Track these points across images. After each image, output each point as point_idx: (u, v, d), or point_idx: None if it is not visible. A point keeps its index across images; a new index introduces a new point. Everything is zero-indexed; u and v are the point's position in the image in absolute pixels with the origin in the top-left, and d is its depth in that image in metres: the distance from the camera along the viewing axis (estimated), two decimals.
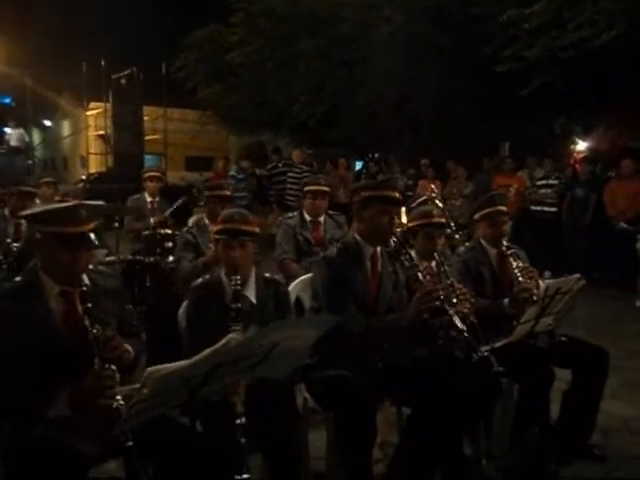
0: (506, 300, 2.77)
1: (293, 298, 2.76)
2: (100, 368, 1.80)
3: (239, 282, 2.19)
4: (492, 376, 2.26)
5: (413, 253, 2.74)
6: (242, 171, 8.78)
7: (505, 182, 8.03)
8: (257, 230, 2.34)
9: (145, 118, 13.94)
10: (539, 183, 8.05)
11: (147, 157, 15.37)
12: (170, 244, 4.73)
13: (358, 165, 14.60)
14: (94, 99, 15.45)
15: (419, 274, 2.49)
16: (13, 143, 14.00)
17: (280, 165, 9.45)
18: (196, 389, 1.48)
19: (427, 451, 2.27)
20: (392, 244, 2.74)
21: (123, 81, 13.05)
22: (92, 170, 16.99)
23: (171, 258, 4.58)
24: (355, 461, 2.27)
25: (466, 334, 2.24)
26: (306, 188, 4.32)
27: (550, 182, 7.93)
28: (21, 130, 14.40)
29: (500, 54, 7.56)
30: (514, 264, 2.82)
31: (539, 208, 7.91)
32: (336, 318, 1.71)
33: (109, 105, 13.27)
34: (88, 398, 1.77)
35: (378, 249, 2.67)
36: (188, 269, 3.68)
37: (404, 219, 3.39)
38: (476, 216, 3.05)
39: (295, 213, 4.38)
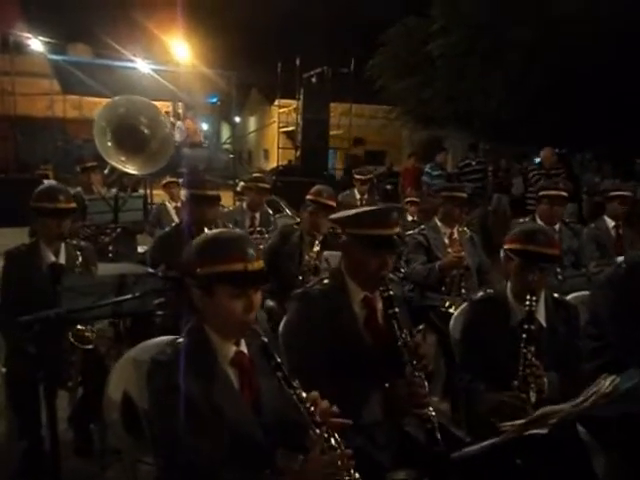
0: None
1: None
2: (411, 375, 1.81)
3: (535, 302, 2.06)
4: None
5: None
6: (438, 167, 8.61)
7: None
8: (558, 253, 2.19)
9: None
10: None
11: None
12: None
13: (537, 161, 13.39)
14: (283, 96, 16.44)
15: None
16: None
17: (474, 163, 9.12)
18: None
19: None
20: None
21: (313, 79, 13.64)
22: (274, 164, 18.16)
23: None
24: None
25: None
26: (542, 192, 4.05)
27: None
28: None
29: None
30: None
31: None
32: None
33: (299, 102, 13.97)
34: (401, 406, 1.79)
35: None
36: (422, 272, 3.65)
37: None
38: None
39: (527, 219, 4.14)
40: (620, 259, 3.98)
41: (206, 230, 3.08)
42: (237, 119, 27.80)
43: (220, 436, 1.50)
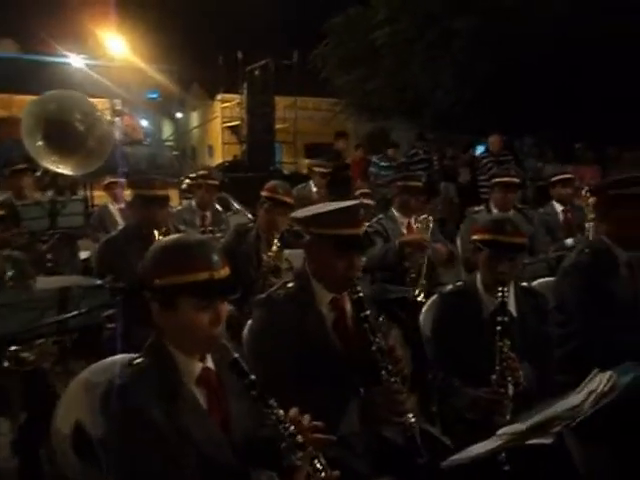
0: None
1: None
2: (388, 382, 1.71)
3: (506, 293, 2.02)
4: None
5: None
6: (387, 159, 8.60)
7: None
8: (526, 241, 2.15)
9: None
10: None
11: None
12: None
13: (480, 149, 13.23)
14: (226, 91, 16.08)
15: None
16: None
17: (421, 152, 9.18)
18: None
19: None
20: None
21: (257, 72, 13.37)
22: (219, 160, 17.72)
23: None
24: None
25: None
26: (494, 180, 4.08)
27: None
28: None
29: None
30: None
31: None
32: None
33: (243, 96, 13.67)
34: (380, 414, 1.69)
35: None
36: (379, 254, 3.49)
37: None
38: None
39: (482, 207, 4.15)
40: (569, 241, 4.07)
41: (156, 233, 2.89)
42: (179, 115, 27.09)
43: (187, 460, 1.37)
